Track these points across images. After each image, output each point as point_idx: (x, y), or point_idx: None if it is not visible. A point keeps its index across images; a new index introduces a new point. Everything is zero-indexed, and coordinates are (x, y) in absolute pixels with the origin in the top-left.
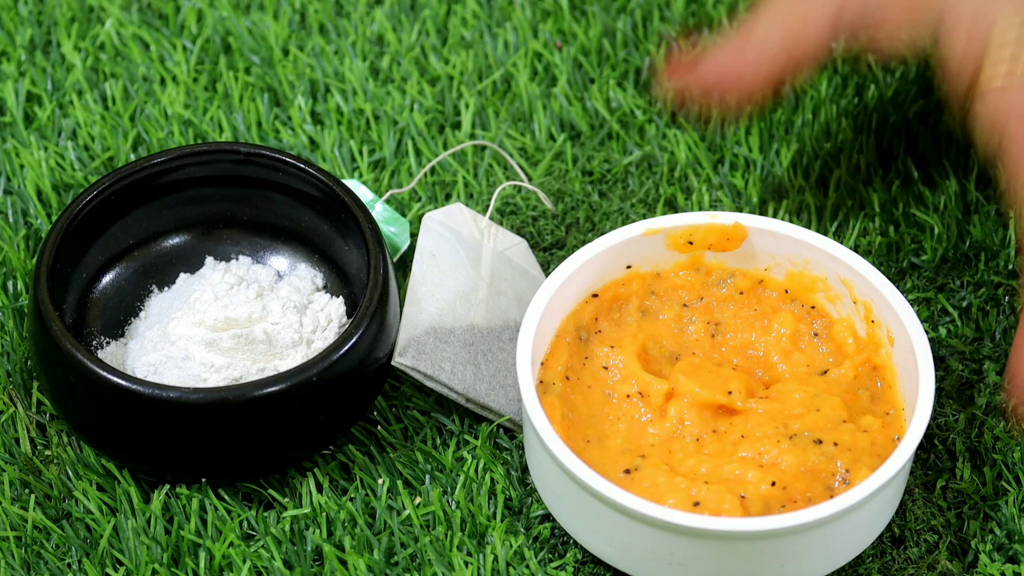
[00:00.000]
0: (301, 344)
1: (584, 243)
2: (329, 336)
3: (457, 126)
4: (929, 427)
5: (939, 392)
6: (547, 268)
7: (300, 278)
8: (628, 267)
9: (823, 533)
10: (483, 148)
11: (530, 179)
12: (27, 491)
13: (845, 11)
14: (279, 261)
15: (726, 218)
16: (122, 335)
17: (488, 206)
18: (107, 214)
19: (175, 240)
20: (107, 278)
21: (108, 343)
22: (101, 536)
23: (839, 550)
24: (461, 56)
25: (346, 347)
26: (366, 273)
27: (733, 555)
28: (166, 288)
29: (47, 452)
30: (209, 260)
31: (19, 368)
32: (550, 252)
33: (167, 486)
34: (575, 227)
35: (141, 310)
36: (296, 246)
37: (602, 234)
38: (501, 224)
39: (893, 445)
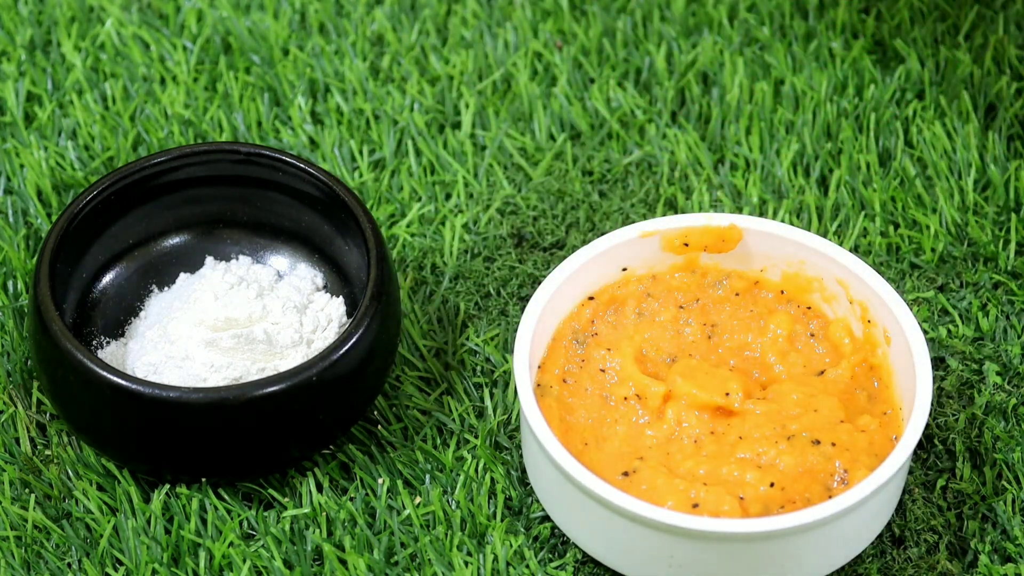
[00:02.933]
0: (301, 344)
1: (584, 243)
2: (329, 336)
3: (457, 126)
4: (929, 427)
5: (939, 392)
6: (547, 268)
7: (300, 278)
8: (624, 269)
9: (822, 533)
10: (483, 147)
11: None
12: (27, 491)
13: None
14: (279, 261)
15: (721, 219)
16: (122, 335)
17: (488, 206)
18: (107, 214)
19: (175, 240)
20: (107, 278)
21: (108, 343)
22: (101, 536)
23: (838, 550)
24: (461, 56)
25: (346, 347)
26: (366, 273)
27: (732, 556)
28: (166, 288)
29: (47, 452)
30: (209, 260)
31: (19, 368)
32: (550, 252)
33: (167, 486)
34: (575, 227)
35: (141, 310)
36: (296, 246)
37: (602, 234)
38: (501, 224)
39: (891, 445)
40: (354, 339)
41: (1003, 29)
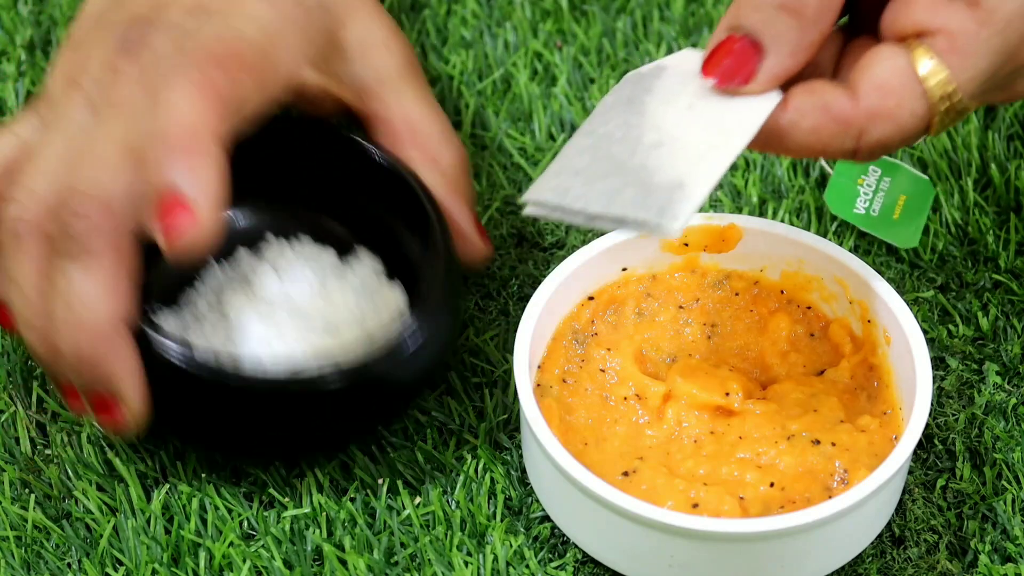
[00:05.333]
0: (358, 328)
1: (584, 243)
2: (387, 324)
3: (457, 126)
4: (929, 427)
5: (939, 392)
6: (546, 268)
7: (362, 264)
8: (624, 269)
9: (822, 533)
10: (483, 147)
11: None
12: (27, 491)
13: None
14: (342, 244)
15: (721, 219)
16: (175, 304)
17: (488, 206)
18: None
19: (237, 214)
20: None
21: (160, 310)
22: (101, 536)
23: (838, 550)
24: (461, 56)
25: (399, 340)
26: (425, 265)
27: (732, 556)
28: (223, 262)
29: (47, 452)
30: (270, 237)
31: (19, 368)
32: (550, 252)
33: (167, 485)
34: (575, 227)
35: (198, 281)
36: (362, 231)
37: (602, 234)
38: (501, 224)
39: (891, 445)
40: (409, 332)
41: None
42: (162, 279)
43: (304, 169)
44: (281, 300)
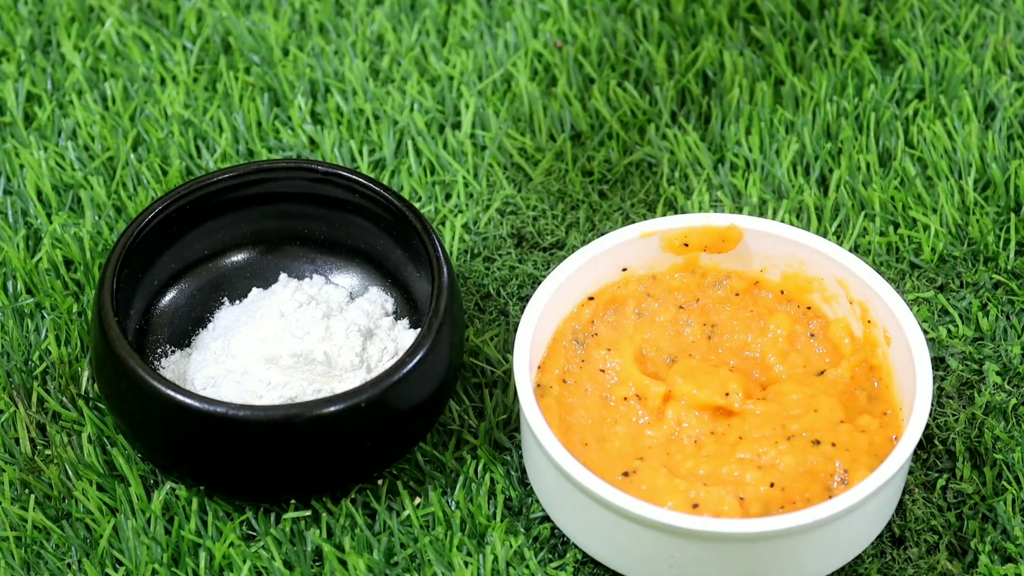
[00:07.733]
0: (361, 368)
1: (584, 243)
2: (389, 361)
3: (457, 126)
4: (929, 427)
5: (939, 392)
6: (546, 268)
7: (370, 302)
8: (624, 269)
9: (822, 534)
10: (483, 147)
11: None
12: (27, 491)
13: None
14: (352, 282)
15: (721, 220)
16: (188, 345)
17: (488, 206)
18: (181, 224)
19: (250, 254)
20: (177, 288)
21: (173, 352)
22: (101, 536)
23: (838, 550)
24: (461, 56)
25: (397, 376)
26: (429, 303)
27: (733, 556)
28: (237, 301)
29: (47, 452)
30: (283, 277)
31: (19, 368)
32: (550, 252)
33: (168, 486)
34: (575, 227)
35: (210, 321)
36: (370, 269)
37: (602, 234)
38: (501, 224)
39: (891, 445)
40: (407, 368)
41: (1003, 29)
42: (174, 321)
43: (322, 210)
44: (286, 339)
